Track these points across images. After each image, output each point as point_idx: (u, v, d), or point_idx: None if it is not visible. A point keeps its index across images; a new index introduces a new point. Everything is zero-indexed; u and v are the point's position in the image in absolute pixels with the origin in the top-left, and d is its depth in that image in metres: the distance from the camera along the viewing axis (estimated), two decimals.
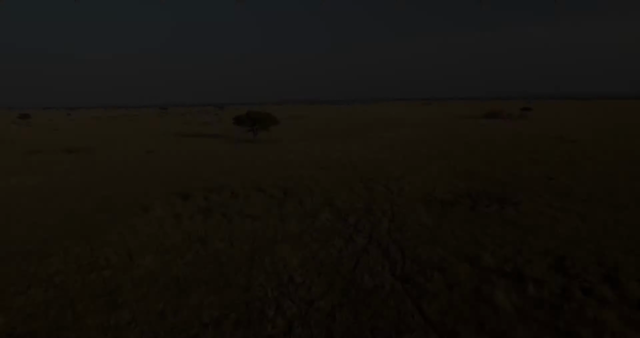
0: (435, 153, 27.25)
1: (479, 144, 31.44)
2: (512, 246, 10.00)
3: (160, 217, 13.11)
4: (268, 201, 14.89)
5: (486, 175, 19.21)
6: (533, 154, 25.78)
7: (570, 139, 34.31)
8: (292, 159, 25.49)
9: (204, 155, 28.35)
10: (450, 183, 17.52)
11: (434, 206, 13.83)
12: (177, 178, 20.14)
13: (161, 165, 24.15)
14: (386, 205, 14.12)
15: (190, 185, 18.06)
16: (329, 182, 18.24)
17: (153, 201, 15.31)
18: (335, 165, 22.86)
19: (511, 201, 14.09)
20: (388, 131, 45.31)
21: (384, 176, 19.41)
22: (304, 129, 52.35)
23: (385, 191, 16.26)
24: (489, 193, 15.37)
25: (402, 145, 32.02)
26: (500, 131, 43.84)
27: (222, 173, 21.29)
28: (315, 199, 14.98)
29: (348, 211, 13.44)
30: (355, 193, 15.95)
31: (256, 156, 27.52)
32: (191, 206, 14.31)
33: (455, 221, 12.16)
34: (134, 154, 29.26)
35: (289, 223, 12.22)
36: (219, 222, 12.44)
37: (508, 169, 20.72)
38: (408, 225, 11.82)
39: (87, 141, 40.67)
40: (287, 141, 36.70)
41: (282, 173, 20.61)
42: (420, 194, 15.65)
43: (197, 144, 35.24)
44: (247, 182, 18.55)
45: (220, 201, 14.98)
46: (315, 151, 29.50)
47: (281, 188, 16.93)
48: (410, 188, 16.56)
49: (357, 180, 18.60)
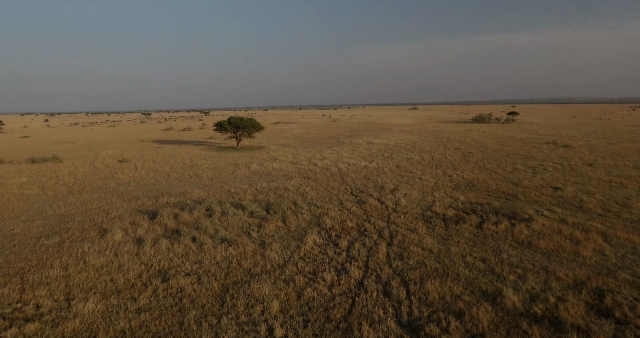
0: (428, 160, 25.84)
1: (472, 150, 30.23)
2: (535, 277, 8.41)
3: (119, 242, 11.08)
4: (247, 220, 13.01)
5: (486, 185, 17.77)
6: (530, 161, 24.61)
7: (563, 143, 33.52)
8: (277, 169, 23.65)
9: (181, 165, 26.23)
10: (449, 195, 15.97)
11: (436, 225, 12.20)
12: (148, 191, 18.05)
13: (132, 176, 21.96)
14: (382, 223, 12.42)
15: (160, 201, 16.03)
16: (317, 195, 16.48)
17: (114, 221, 13.24)
18: (323, 175, 21.13)
19: (521, 217, 12.58)
20: (377, 137, 43.91)
21: (377, 187, 17.76)
22: (289, 134, 50.55)
23: (380, 205, 14.58)
24: (495, 207, 13.85)
25: (393, 152, 30.56)
26: (491, 135, 42.98)
27: (198, 185, 19.29)
28: (301, 217, 13.17)
29: (339, 232, 11.68)
30: (346, 209, 14.21)
31: (238, 165, 25.57)
32: (157, 228, 12.31)
33: (463, 244, 10.53)
34: (105, 164, 26.90)
35: (270, 250, 10.38)
36: (188, 249, 10.51)
37: (508, 178, 19.36)
38: (410, 250, 10.13)
39: (56, 149, 37.90)
40: (272, 148, 34.83)
41: (264, 184, 18.75)
42: (419, 209, 14.02)
43: (176, 152, 33.03)
44: (225, 196, 16.62)
45: (192, 221, 13.02)
46: (301, 159, 27.73)
47: (263, 203, 15.07)
48: (407, 202, 14.93)
49: (347, 192, 16.89)
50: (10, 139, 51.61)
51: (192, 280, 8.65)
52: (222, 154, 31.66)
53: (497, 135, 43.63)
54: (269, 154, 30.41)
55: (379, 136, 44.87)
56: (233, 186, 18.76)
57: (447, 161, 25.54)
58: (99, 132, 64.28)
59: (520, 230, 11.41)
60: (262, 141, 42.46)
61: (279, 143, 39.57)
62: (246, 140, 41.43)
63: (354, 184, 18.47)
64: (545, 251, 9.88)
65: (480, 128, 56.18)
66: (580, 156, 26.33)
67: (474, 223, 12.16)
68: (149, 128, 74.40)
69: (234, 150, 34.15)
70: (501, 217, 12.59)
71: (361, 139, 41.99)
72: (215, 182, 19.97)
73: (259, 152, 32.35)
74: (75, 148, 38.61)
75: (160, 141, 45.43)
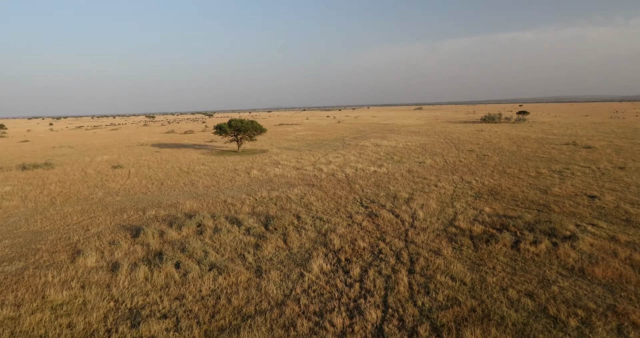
0: (442, 164, 23.97)
1: (487, 153, 28.30)
2: (603, 323, 6.59)
3: (90, 269, 9.42)
4: (243, 238, 11.29)
5: (511, 193, 15.90)
6: (553, 164, 22.65)
7: (584, 144, 31.45)
8: (279, 175, 21.93)
9: (177, 171, 24.62)
10: (472, 206, 14.13)
11: (463, 245, 10.38)
12: (136, 202, 16.42)
13: (122, 185, 20.37)
14: (399, 242, 10.64)
15: (148, 214, 14.37)
16: (322, 206, 14.72)
17: (91, 240, 11.59)
18: (329, 182, 19.37)
19: (562, 235, 10.73)
20: (384, 139, 42.07)
21: (389, 196, 15.96)
22: (293, 137, 48.86)
23: (394, 219, 12.79)
24: (528, 222, 12.00)
25: (403, 155, 28.71)
26: (504, 136, 40.94)
27: (192, 194, 17.63)
28: (305, 235, 11.43)
29: (349, 255, 9.92)
30: (356, 223, 12.44)
31: (237, 171, 23.90)
32: (139, 249, 10.63)
33: (500, 271, 8.72)
34: (98, 171, 25.39)
35: (267, 279, 8.64)
36: (169, 278, 8.81)
37: (534, 184, 17.46)
38: (437, 280, 8.34)
39: (52, 154, 36.58)
40: (274, 152, 33.14)
41: (264, 193, 17.04)
42: (440, 224, 12.21)
43: (174, 157, 31.47)
44: (220, 208, 14.93)
45: (180, 240, 11.34)
46: (305, 163, 26.00)
47: (262, 217, 13.35)
48: (425, 215, 13.12)
49: (356, 203, 15.12)
50: (9, 144, 50.51)
51: (169, 324, 6.93)
52: (221, 158, 30.03)
53: (510, 136, 41.57)
54: (271, 159, 28.71)
55: (387, 138, 43.02)
56: (230, 195, 17.07)
57: (462, 165, 23.66)
58: (100, 136, 63.14)
59: (565, 252, 9.56)
60: (265, 144, 40.82)
61: (282, 146, 37.89)
62: (248, 143, 39.81)
63: (364, 193, 16.69)
64: (604, 282, 8.04)
65: (491, 128, 54.08)
66: (608, 158, 24.29)
67: (508, 242, 10.32)
68: (151, 131, 73.19)
69: (235, 154, 32.51)
70: (539, 234, 10.74)
71: (368, 141, 40.18)
72: (211, 191, 18.30)
73: (260, 156, 30.68)
74: (72, 153, 37.24)
75: (160, 144, 43.98)
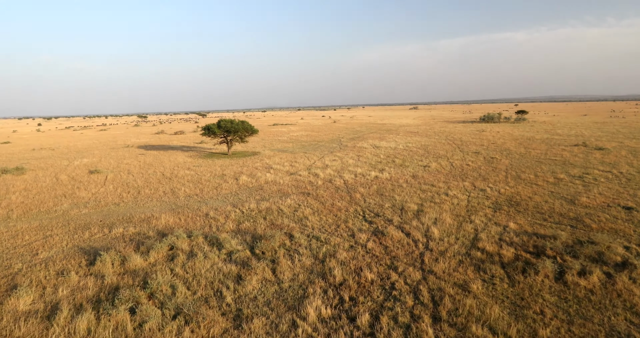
0: (449, 168, 22.03)
1: (495, 155, 26.43)
2: None
3: (20, 315, 7.30)
4: (222, 267, 9.21)
5: (534, 204, 13.97)
6: (570, 168, 20.81)
7: (595, 145, 29.73)
8: (270, 181, 19.84)
9: (159, 176, 22.42)
10: (493, 221, 12.17)
11: (495, 276, 8.39)
12: (105, 216, 14.25)
13: (94, 193, 18.16)
14: (414, 273, 8.63)
15: (115, 232, 12.22)
16: (319, 221, 12.67)
17: (36, 269, 9.44)
18: (326, 190, 17.33)
19: (613, 261, 8.79)
20: (383, 140, 40.11)
21: (395, 208, 13.95)
22: (287, 138, 46.73)
23: (405, 238, 10.77)
24: (566, 242, 10.05)
25: (405, 158, 26.75)
26: (507, 136, 39.18)
27: (171, 206, 15.48)
28: (298, 262, 9.38)
29: (354, 291, 7.89)
30: (360, 245, 10.41)
31: (225, 176, 21.77)
32: (90, 284, 8.51)
33: (552, 318, 6.72)
34: (72, 176, 23.12)
35: (248, 333, 6.57)
36: (118, 332, 6.71)
37: (556, 192, 15.56)
38: (472, 332, 6.33)
39: (30, 157, 34.14)
40: (266, 154, 31.02)
41: (253, 204, 14.94)
42: (460, 245, 10.21)
43: (158, 160, 29.23)
44: (200, 224, 12.81)
45: (145, 268, 9.23)
46: (300, 167, 23.93)
47: (248, 236, 11.26)
48: (441, 233, 11.12)
49: (358, 217, 13.09)
50: None
51: None
52: (209, 162, 27.85)
53: (513, 136, 39.84)
54: (263, 162, 26.59)
55: (385, 139, 41.07)
56: (213, 207, 14.95)
57: (470, 169, 21.74)
58: (87, 136, 60.52)
59: (626, 287, 7.62)
60: (257, 145, 38.66)
61: (275, 148, 35.76)
62: (239, 145, 37.65)
63: (366, 204, 14.67)
64: None
65: (491, 128, 52.39)
66: (626, 161, 22.52)
67: (550, 272, 8.34)
68: (140, 131, 70.63)
69: (224, 157, 30.33)
70: (585, 261, 8.79)
71: (366, 142, 38.19)
72: (193, 201, 16.16)
73: (251, 159, 28.54)
74: (51, 156, 34.81)
75: (146, 146, 41.63)
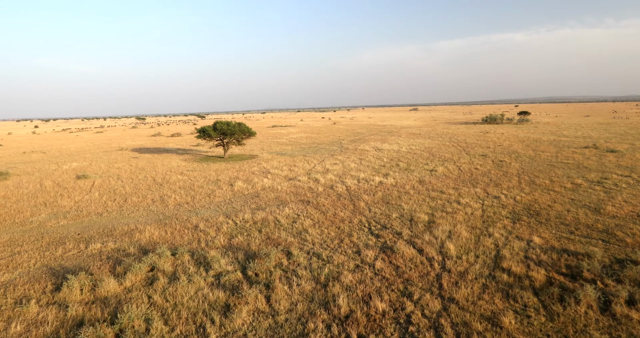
0: (457, 173, 20.77)
1: (503, 158, 25.18)
2: None
3: None
4: (208, 294, 7.92)
5: (557, 214, 12.70)
6: (586, 172, 19.56)
7: (606, 147, 28.49)
8: (267, 188, 18.57)
9: (149, 182, 21.14)
10: (515, 234, 10.89)
11: (529, 306, 7.11)
12: (84, 228, 12.96)
13: (77, 202, 16.87)
14: (433, 301, 7.36)
15: (91, 248, 10.93)
16: (321, 235, 11.39)
17: None
18: (328, 197, 16.05)
19: None
20: (385, 142, 38.86)
21: (403, 218, 12.68)
22: (286, 140, 45.48)
23: (418, 256, 9.50)
24: (602, 261, 8.77)
25: (409, 161, 25.49)
26: (512, 138, 37.95)
27: (158, 216, 14.19)
28: (298, 288, 8.09)
29: (363, 327, 6.60)
30: (367, 265, 9.13)
31: (219, 182, 20.49)
32: (50, 317, 7.23)
33: None
34: (57, 182, 21.83)
35: None
36: None
37: (577, 200, 14.29)
38: None
39: (18, 161, 32.84)
40: (264, 158, 29.74)
41: (248, 215, 13.65)
42: (481, 265, 8.93)
43: (151, 164, 27.95)
44: (187, 238, 11.52)
45: (118, 296, 7.95)
46: (299, 172, 22.67)
47: (240, 254, 9.98)
48: (458, 250, 9.85)
49: (363, 229, 11.81)
50: None
51: None
52: (204, 166, 26.57)
53: (519, 138, 38.62)
54: (260, 166, 25.31)
55: (387, 141, 39.83)
56: (204, 217, 13.67)
57: (480, 173, 20.48)
58: (82, 139, 59.24)
59: None
60: (255, 148, 37.40)
61: (273, 151, 34.49)
62: (237, 148, 36.41)
63: (371, 214, 13.39)
64: None
65: (495, 129, 51.18)
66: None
67: (593, 301, 7.07)
68: (137, 133, 69.37)
69: (220, 161, 29.05)
70: (631, 286, 7.51)
71: (367, 144, 36.93)
72: (183, 210, 14.88)
73: (248, 163, 27.27)
74: (41, 159, 33.52)
75: (141, 149, 40.36)
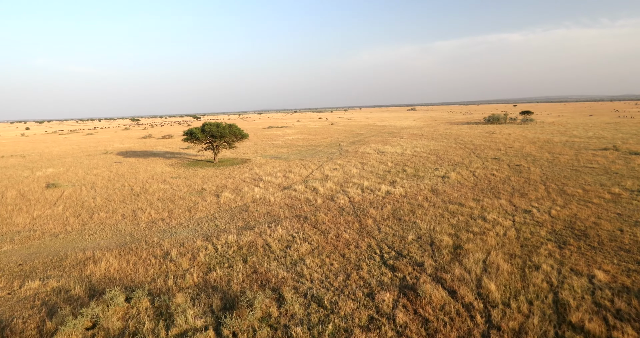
0: (472, 180, 18.45)
1: (519, 162, 22.90)
2: None
3: None
4: None
5: (608, 235, 10.36)
6: (618, 178, 17.28)
7: (627, 149, 26.32)
8: (258, 199, 16.18)
9: (126, 192, 18.69)
10: (569, 267, 8.56)
11: None
12: (27, 257, 10.51)
13: (35, 218, 14.41)
14: None
15: (26, 288, 8.52)
16: (322, 267, 9.02)
17: None
18: (328, 213, 13.67)
19: None
20: (387, 144, 36.54)
21: (422, 242, 10.32)
22: (282, 141, 43.08)
23: (452, 302, 7.15)
24: None
25: (416, 166, 23.16)
26: (521, 139, 35.74)
27: (124, 238, 11.75)
28: None
29: None
30: (386, 317, 6.78)
31: (204, 192, 18.08)
32: None
33: None
34: (22, 193, 19.35)
35: None
36: None
37: (624, 215, 11.97)
38: None
39: None
40: (257, 162, 27.34)
41: (232, 237, 11.23)
42: (542, 318, 6.57)
43: (133, 170, 25.49)
44: (152, 272, 9.10)
45: None
46: (295, 179, 20.29)
47: (216, 300, 7.58)
48: (501, 291, 7.50)
49: (375, 258, 9.45)
50: None
51: None
52: (190, 172, 24.14)
53: (529, 139, 36.42)
54: (252, 173, 22.91)
55: (389, 143, 37.51)
56: (179, 240, 11.26)
57: (498, 180, 18.19)
58: (69, 141, 56.56)
59: None
60: (249, 151, 34.98)
61: (268, 154, 32.08)
62: (228, 151, 33.98)
63: (382, 236, 11.04)
64: None
65: (500, 129, 49.00)
66: None
67: None
68: (128, 135, 66.74)
69: (209, 166, 26.63)
70: None
71: (368, 147, 34.59)
72: (155, 230, 12.46)
73: (239, 168, 24.86)
74: (17, 164, 30.96)
75: (127, 152, 37.83)
